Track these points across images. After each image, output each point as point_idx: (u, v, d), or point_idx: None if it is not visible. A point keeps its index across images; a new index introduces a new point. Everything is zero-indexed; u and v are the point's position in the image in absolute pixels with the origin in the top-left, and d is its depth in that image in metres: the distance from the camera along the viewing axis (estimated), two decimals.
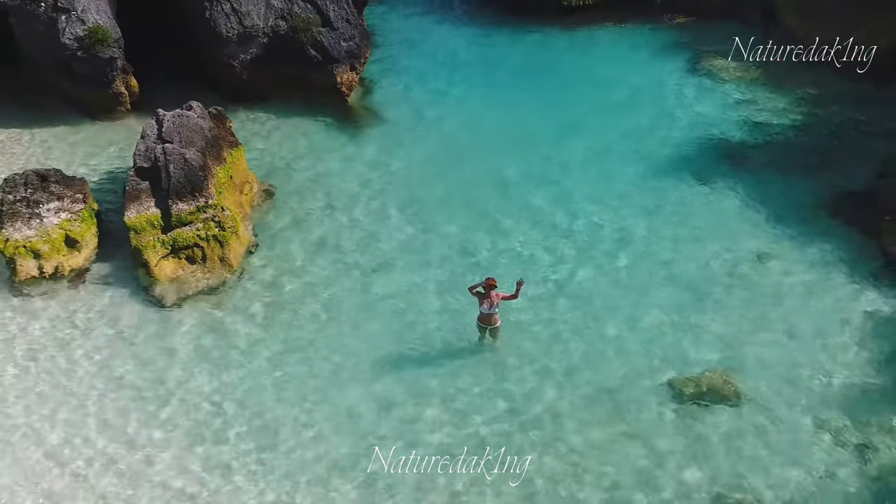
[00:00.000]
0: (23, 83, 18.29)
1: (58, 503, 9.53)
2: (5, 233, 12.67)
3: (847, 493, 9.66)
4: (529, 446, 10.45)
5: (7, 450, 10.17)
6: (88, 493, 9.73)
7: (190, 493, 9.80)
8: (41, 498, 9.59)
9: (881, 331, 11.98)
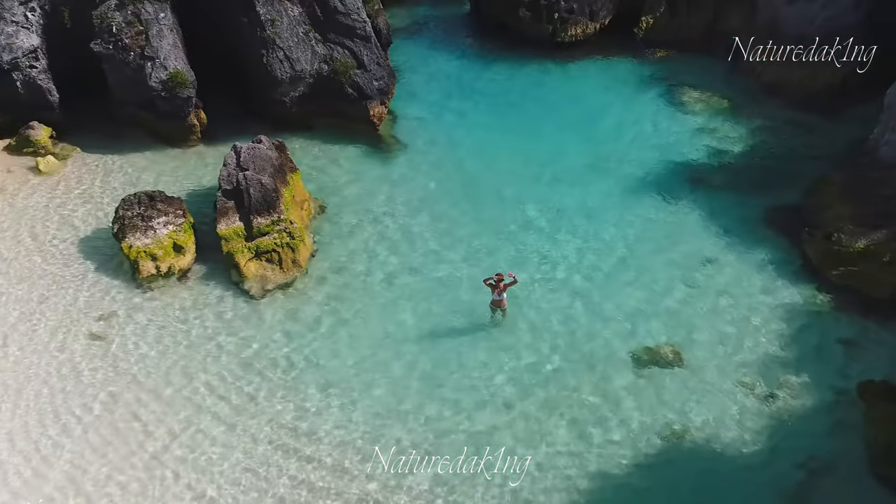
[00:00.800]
0: (107, 116, 22.20)
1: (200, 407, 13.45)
2: (128, 241, 16.57)
3: (754, 429, 13.54)
4: (523, 385, 14.40)
5: (162, 388, 14.14)
6: (215, 411, 13.70)
7: (277, 409, 13.88)
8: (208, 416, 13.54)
9: (792, 314, 15.88)
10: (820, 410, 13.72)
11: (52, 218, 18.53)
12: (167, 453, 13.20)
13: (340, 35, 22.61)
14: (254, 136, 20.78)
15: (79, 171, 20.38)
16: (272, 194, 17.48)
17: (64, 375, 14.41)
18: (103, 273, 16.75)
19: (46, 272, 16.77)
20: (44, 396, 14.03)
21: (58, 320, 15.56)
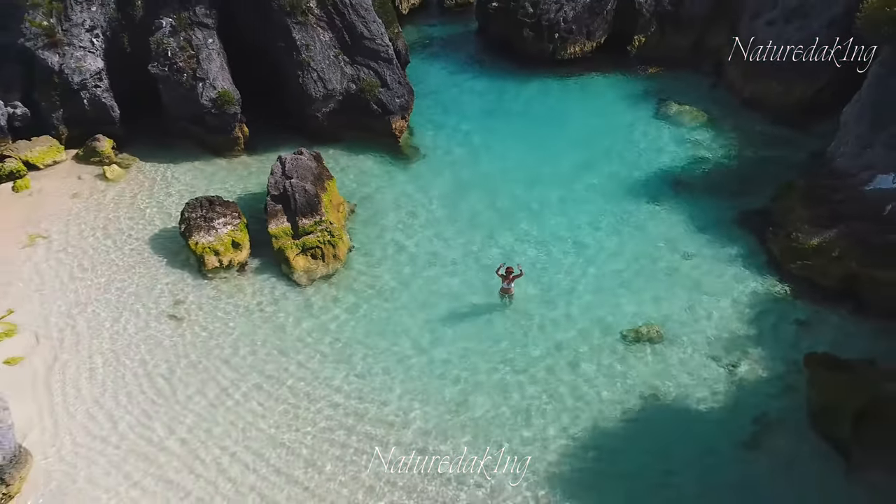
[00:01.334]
0: (161, 130, 25.19)
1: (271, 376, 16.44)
2: (194, 238, 19.54)
3: (719, 391, 16.47)
4: (531, 356, 17.37)
5: (230, 357, 17.10)
6: (275, 376, 16.64)
7: (324, 376, 16.86)
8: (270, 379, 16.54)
9: (756, 300, 18.83)
10: (773, 377, 16.67)
11: (122, 219, 21.53)
12: (239, 406, 16.20)
13: (366, 57, 25.61)
14: (290, 147, 23.86)
15: (140, 179, 23.37)
16: (314, 199, 20.45)
17: (150, 348, 17.41)
18: (174, 265, 19.76)
19: (126, 265, 19.78)
20: (137, 363, 17.03)
21: (141, 304, 18.55)
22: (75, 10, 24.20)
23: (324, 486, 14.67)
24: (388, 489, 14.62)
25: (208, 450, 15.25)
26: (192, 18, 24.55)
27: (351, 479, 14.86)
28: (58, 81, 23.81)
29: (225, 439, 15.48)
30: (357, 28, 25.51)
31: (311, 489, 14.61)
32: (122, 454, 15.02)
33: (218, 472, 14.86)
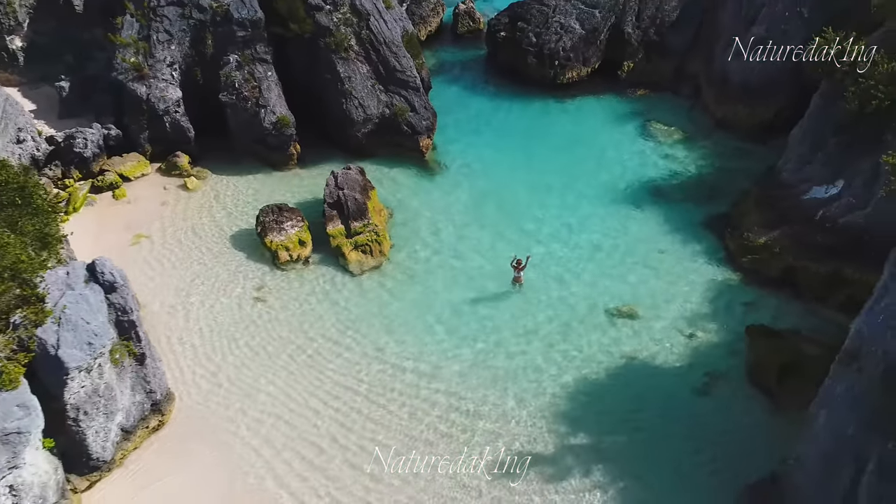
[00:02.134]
0: (227, 147, 30.20)
1: (337, 342, 21.49)
2: (269, 237, 24.61)
3: (680, 354, 21.52)
4: (536, 328, 22.39)
5: (305, 327, 22.14)
6: (340, 341, 21.66)
7: (374, 340, 21.89)
8: (336, 344, 21.56)
9: (714, 287, 23.89)
10: (722, 343, 21.72)
11: (206, 222, 26.59)
12: (312, 361, 21.37)
13: (397, 87, 30.68)
14: (335, 161, 28.99)
15: (214, 188, 28.44)
16: (362, 206, 25.52)
17: (242, 320, 22.50)
18: (253, 259, 24.83)
19: (215, 258, 24.89)
20: (231, 333, 22.10)
21: (228, 290, 23.62)
22: (158, 48, 29.26)
23: (378, 412, 19.89)
24: (426, 415, 19.76)
25: (294, 390, 20.36)
26: (254, 55, 29.62)
27: (398, 407, 20.03)
28: (145, 108, 28.86)
29: (304, 383, 20.58)
30: (390, 62, 30.57)
31: (371, 416, 19.83)
32: (231, 395, 20.08)
33: (304, 405, 20.01)
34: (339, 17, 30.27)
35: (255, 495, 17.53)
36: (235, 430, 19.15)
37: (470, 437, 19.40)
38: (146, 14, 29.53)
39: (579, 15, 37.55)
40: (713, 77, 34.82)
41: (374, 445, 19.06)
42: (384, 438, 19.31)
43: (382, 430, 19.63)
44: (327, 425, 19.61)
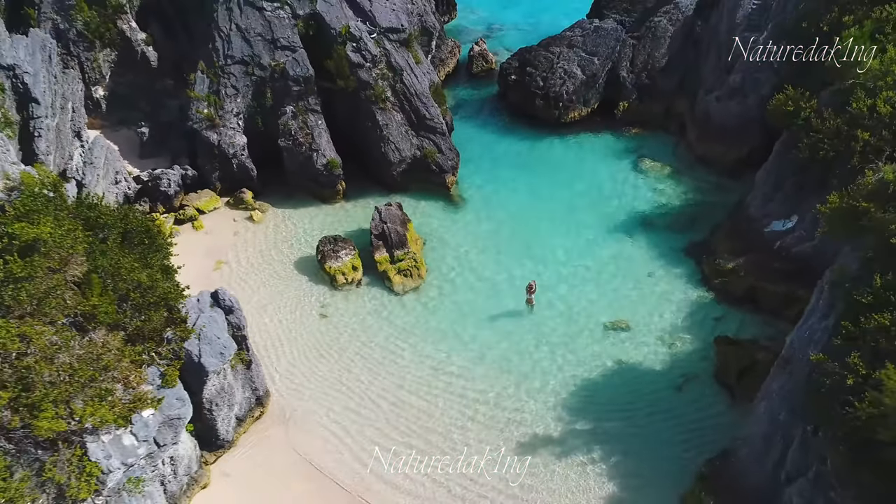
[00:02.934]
0: (283, 184, 35.69)
1: (388, 340, 26.98)
2: (328, 264, 30.10)
3: (661, 360, 27.03)
4: (545, 337, 27.87)
5: (363, 338, 27.62)
6: (392, 349, 27.14)
7: (417, 345, 27.30)
8: (389, 352, 27.05)
9: (691, 304, 29.37)
10: (696, 351, 27.22)
11: (272, 249, 32.11)
12: (371, 363, 26.79)
13: (427, 132, 36.21)
14: (374, 195, 34.54)
15: (275, 220, 33.97)
16: (402, 237, 31.05)
17: (312, 332, 27.97)
18: (314, 281, 30.33)
19: (284, 280, 30.36)
20: (304, 342, 27.58)
21: (298, 307, 29.13)
22: (226, 101, 34.80)
23: (421, 403, 25.49)
24: (458, 405, 25.34)
25: (356, 386, 25.95)
26: (307, 106, 35.16)
27: (437, 399, 25.57)
28: (216, 153, 34.39)
29: (363, 381, 26.12)
30: (420, 111, 36.11)
31: (416, 405, 25.45)
32: (310, 391, 25.59)
33: (364, 397, 25.57)
34: (377, 73, 35.81)
35: (334, 465, 23.04)
36: (316, 417, 24.66)
37: (492, 423, 24.92)
38: (216, 72, 35.04)
39: (581, 62, 43.11)
40: (696, 118, 40.38)
41: (425, 428, 24.59)
42: (429, 423, 24.86)
43: (426, 416, 25.16)
44: (384, 412, 25.15)
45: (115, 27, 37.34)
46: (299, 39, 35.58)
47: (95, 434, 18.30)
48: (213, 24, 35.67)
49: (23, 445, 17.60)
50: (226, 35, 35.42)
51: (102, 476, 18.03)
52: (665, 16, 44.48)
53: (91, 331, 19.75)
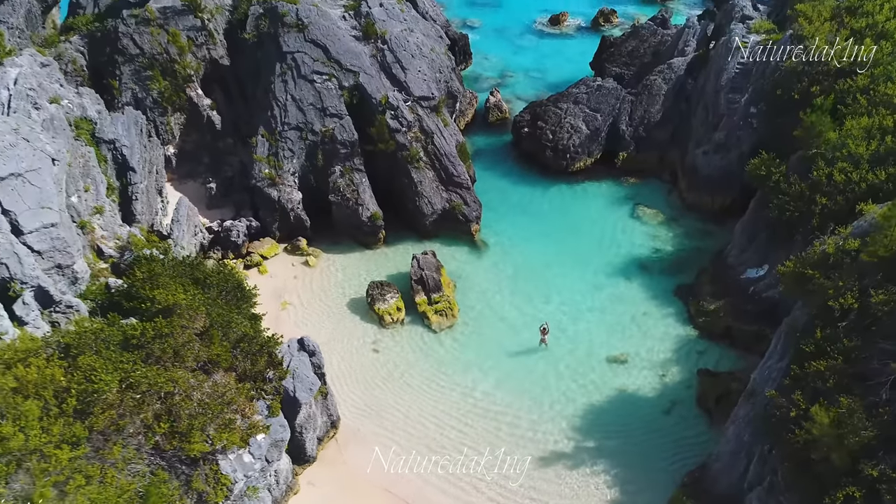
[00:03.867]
0: (332, 232, 41.71)
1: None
2: (377, 306, 36.13)
3: (653, 388, 33.04)
4: (555, 369, 33.90)
5: (408, 368, 33.67)
6: (432, 377, 33.18)
7: (453, 374, 33.28)
8: (430, 381, 33.12)
9: (678, 339, 35.38)
10: (682, 380, 33.23)
11: (327, 291, 38.13)
12: (414, 391, 32.73)
13: (454, 187, 42.27)
14: (409, 241, 40.65)
15: (327, 264, 40.03)
16: (438, 281, 37.08)
17: (366, 365, 33.97)
18: (365, 320, 36.35)
19: (339, 319, 36.35)
20: (362, 377, 33.56)
21: (354, 344, 35.14)
22: (284, 163, 40.87)
23: (458, 422, 31.34)
24: (487, 423, 31.19)
25: (408, 409, 31.86)
26: (352, 166, 41.22)
27: (470, 419, 31.45)
28: (277, 207, 40.45)
29: (412, 405, 32.10)
30: (449, 169, 42.18)
31: (454, 426, 31.26)
32: (371, 414, 31.56)
33: (413, 419, 31.51)
34: (412, 136, 41.89)
35: (391, 472, 29.05)
36: (375, 434, 30.69)
37: (513, 439, 30.94)
38: (275, 137, 41.13)
39: (585, 118, 49.19)
40: (686, 169, 46.43)
41: (460, 443, 30.65)
42: (466, 439, 30.88)
43: (460, 433, 31.15)
44: (427, 429, 31.16)
45: (184, 95, 43.48)
46: (345, 108, 41.64)
47: (224, 453, 24.32)
48: (272, 95, 41.76)
49: (173, 463, 23.68)
50: (282, 104, 41.50)
51: (231, 486, 24.07)
52: (659, 75, 50.51)
53: (214, 373, 25.81)
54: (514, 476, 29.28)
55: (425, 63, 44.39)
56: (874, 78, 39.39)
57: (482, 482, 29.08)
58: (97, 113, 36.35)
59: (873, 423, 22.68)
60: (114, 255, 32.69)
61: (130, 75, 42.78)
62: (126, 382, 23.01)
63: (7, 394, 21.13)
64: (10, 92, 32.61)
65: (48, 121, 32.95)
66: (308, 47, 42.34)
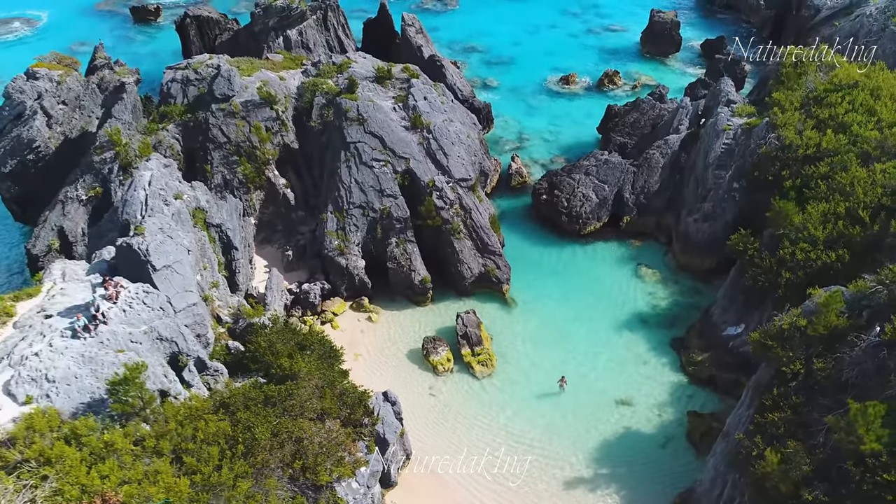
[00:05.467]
0: (388, 291, 50.77)
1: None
2: (431, 357, 45.12)
3: (651, 424, 42.00)
4: (576, 407, 42.93)
5: (463, 407, 42.75)
6: (482, 415, 42.22)
7: (497, 414, 42.31)
8: (481, 417, 42.15)
9: (672, 386, 44.34)
10: (675, 420, 42.19)
11: (388, 343, 47.11)
12: (466, 429, 41.69)
13: (488, 254, 51.35)
14: (452, 299, 49.77)
15: (387, 320, 49.06)
16: (479, 337, 46.13)
17: (426, 408, 42.93)
18: (421, 370, 45.30)
19: (399, 367, 45.30)
20: (424, 417, 42.47)
21: (415, 389, 44.08)
22: (351, 236, 49.96)
23: (504, 452, 40.19)
24: (523, 452, 40.11)
25: (461, 443, 40.71)
26: (406, 238, 50.29)
27: (512, 450, 40.36)
28: (345, 272, 49.53)
29: (465, 440, 41.00)
30: (484, 240, 51.27)
31: (500, 455, 40.12)
32: (435, 448, 40.43)
33: (466, 451, 40.37)
34: (454, 212, 51.00)
35: (453, 490, 38.00)
36: (442, 466, 39.64)
37: (543, 465, 39.87)
38: (342, 214, 50.22)
39: (595, 188, 58.32)
40: (679, 233, 55.52)
41: (502, 468, 39.58)
42: (506, 465, 39.78)
43: (501, 461, 40.05)
44: (478, 457, 40.09)
45: (264, 176, 52.67)
46: (399, 189, 50.76)
47: (339, 482, 33.33)
48: (338, 178, 50.91)
49: (304, 489, 32.71)
50: (347, 187, 50.63)
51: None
52: (657, 150, 59.70)
53: (327, 421, 34.85)
54: (545, 495, 38.21)
55: (463, 149, 53.56)
56: (833, 166, 48.41)
57: (517, 496, 38.09)
58: (206, 202, 45.48)
59: (812, 461, 31.68)
60: (229, 321, 41.80)
61: (220, 160, 51.93)
62: (272, 431, 32.01)
63: (198, 440, 30.17)
64: (146, 192, 41.73)
65: (176, 214, 42.05)
66: (367, 138, 51.50)
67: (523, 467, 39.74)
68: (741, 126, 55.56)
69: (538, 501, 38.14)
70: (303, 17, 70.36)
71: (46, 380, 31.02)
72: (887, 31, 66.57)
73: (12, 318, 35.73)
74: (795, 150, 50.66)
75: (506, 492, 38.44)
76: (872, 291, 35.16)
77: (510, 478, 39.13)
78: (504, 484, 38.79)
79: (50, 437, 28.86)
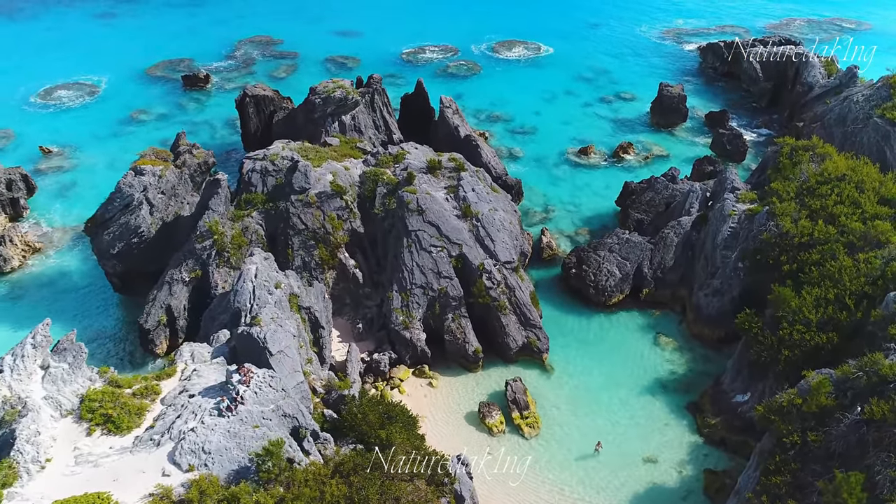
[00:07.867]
0: (444, 358, 59.33)
1: None
2: (486, 420, 53.54)
3: (676, 480, 50.38)
4: (611, 462, 51.40)
5: (528, 456, 51.12)
6: (538, 471, 50.63)
7: (547, 468, 50.65)
8: (535, 467, 50.59)
9: (689, 445, 52.80)
10: (693, 476, 50.32)
11: (449, 407, 55.48)
12: (529, 477, 50.04)
13: (530, 327, 59.99)
14: (499, 366, 58.42)
15: (445, 385, 57.53)
16: (526, 402, 54.59)
17: (486, 466, 51.22)
18: (479, 431, 53.54)
19: (458, 431, 53.62)
20: (482, 474, 50.75)
21: (476, 449, 52.37)
22: (413, 311, 58.62)
23: (550, 498, 48.73)
24: (564, 497, 48.62)
25: (526, 493, 48.98)
26: (460, 314, 58.95)
27: (554, 494, 48.86)
28: (409, 344, 58.11)
29: (527, 490, 49.24)
30: (526, 315, 59.95)
31: (550, 501, 48.64)
32: (497, 497, 48.70)
33: (524, 497, 48.88)
34: (500, 291, 59.72)
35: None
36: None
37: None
38: (405, 293, 58.92)
39: (619, 264, 67.17)
40: (691, 306, 64.25)
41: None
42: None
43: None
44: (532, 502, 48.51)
45: (336, 258, 61.44)
46: (453, 271, 59.52)
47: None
48: (401, 261, 59.69)
49: None
50: (409, 269, 59.41)
51: None
52: (672, 230, 68.68)
53: (415, 481, 43.25)
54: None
55: (507, 234, 62.48)
56: (823, 254, 57.17)
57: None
58: (298, 288, 54.20)
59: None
60: (322, 392, 50.33)
61: (299, 245, 60.75)
62: (379, 492, 40.41)
63: (325, 500, 38.51)
64: (253, 283, 50.46)
65: (279, 302, 50.73)
66: (426, 226, 60.39)
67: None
68: (744, 212, 64.53)
69: None
70: (356, 104, 79.68)
71: (203, 451, 39.44)
72: (871, 121, 75.89)
73: (159, 396, 44.26)
74: (792, 238, 59.37)
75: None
76: (855, 377, 43.77)
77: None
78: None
79: (214, 499, 37.30)
